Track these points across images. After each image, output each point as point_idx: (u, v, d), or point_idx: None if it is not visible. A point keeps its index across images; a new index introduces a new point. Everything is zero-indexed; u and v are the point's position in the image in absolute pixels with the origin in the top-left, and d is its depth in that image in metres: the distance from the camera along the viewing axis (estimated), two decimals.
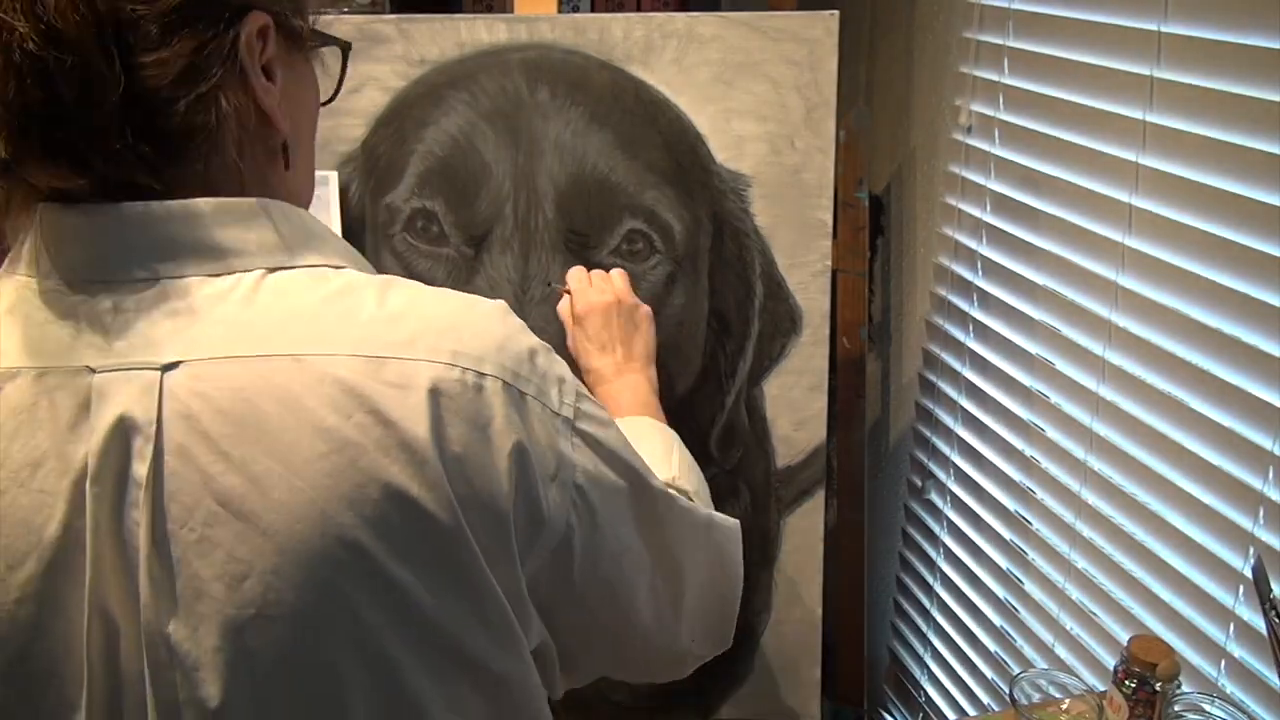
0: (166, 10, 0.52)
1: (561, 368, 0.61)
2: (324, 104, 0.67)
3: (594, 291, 1.05)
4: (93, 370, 0.52)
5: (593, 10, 1.52)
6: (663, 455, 0.86)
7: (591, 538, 0.61)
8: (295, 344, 0.52)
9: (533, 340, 0.60)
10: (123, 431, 0.51)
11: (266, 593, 0.50)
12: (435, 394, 0.53)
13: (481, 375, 0.55)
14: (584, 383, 1.00)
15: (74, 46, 0.50)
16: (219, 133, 0.55)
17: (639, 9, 1.54)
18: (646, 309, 1.07)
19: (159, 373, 0.51)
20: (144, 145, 0.52)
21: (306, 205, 0.65)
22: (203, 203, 0.55)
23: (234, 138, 0.56)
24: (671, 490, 0.70)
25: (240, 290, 0.54)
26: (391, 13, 1.40)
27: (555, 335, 1.13)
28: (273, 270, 0.55)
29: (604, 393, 0.99)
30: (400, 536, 0.52)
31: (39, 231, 0.55)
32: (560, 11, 1.43)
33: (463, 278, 1.22)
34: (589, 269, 1.11)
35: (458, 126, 1.22)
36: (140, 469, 0.51)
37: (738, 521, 0.78)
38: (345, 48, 0.68)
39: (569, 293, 1.07)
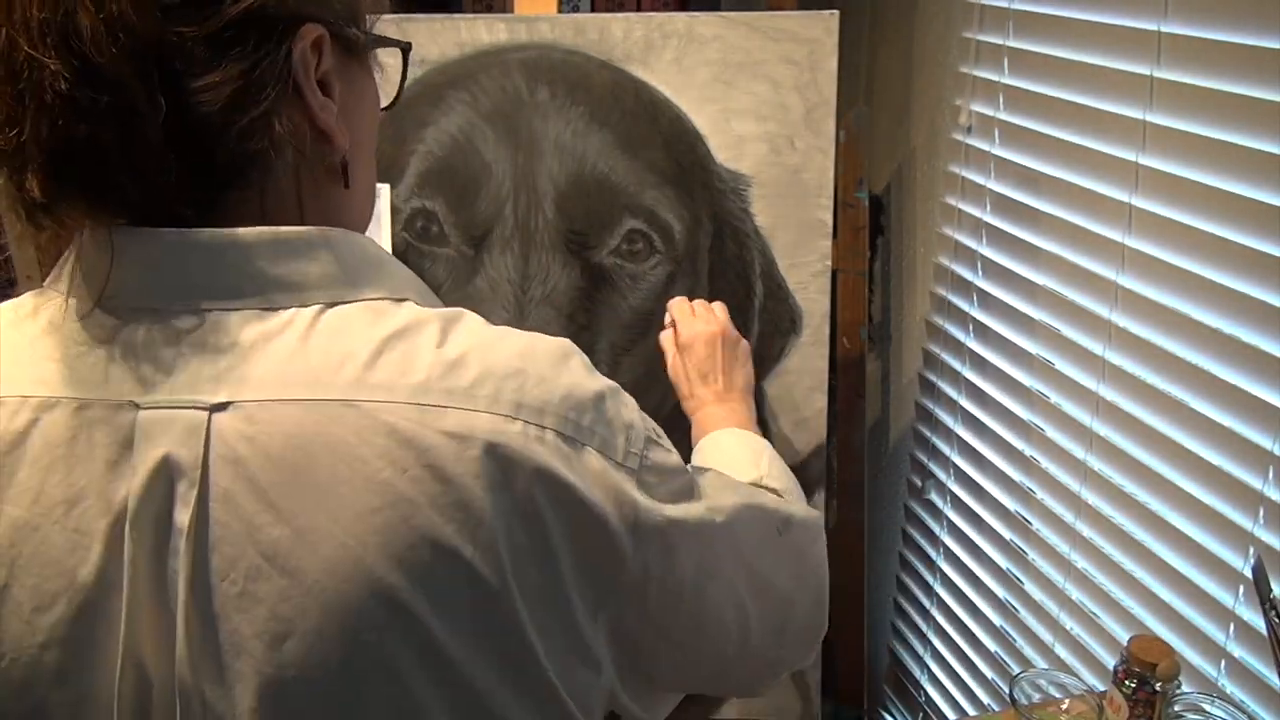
0: (216, 30, 0.48)
1: (630, 412, 0.57)
2: (384, 109, 0.63)
3: (699, 321, 1.06)
4: (137, 406, 0.49)
5: (593, 10, 1.52)
6: (752, 459, 0.87)
7: (669, 578, 0.58)
8: (350, 388, 0.50)
9: (599, 383, 0.56)
10: (166, 474, 0.49)
11: (309, 654, 0.48)
12: (493, 448, 0.50)
13: (543, 429, 0.52)
14: (686, 406, 1.02)
15: (111, 83, 0.46)
16: (274, 158, 0.52)
17: (639, 9, 1.54)
18: (746, 344, 1.07)
19: (207, 413, 0.49)
20: (194, 178, 0.50)
21: (366, 223, 0.62)
22: (260, 232, 0.52)
23: (290, 162, 0.53)
24: (759, 488, 0.68)
25: (296, 327, 0.51)
26: (391, 13, 1.40)
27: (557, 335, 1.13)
28: (330, 305, 0.52)
29: (703, 416, 0.99)
30: (448, 599, 0.49)
31: (82, 251, 0.52)
32: (560, 11, 1.43)
33: (463, 278, 1.22)
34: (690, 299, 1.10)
35: (458, 126, 1.22)
36: (183, 515, 0.48)
37: (819, 514, 0.76)
38: (405, 49, 0.64)
39: (673, 323, 1.08)
